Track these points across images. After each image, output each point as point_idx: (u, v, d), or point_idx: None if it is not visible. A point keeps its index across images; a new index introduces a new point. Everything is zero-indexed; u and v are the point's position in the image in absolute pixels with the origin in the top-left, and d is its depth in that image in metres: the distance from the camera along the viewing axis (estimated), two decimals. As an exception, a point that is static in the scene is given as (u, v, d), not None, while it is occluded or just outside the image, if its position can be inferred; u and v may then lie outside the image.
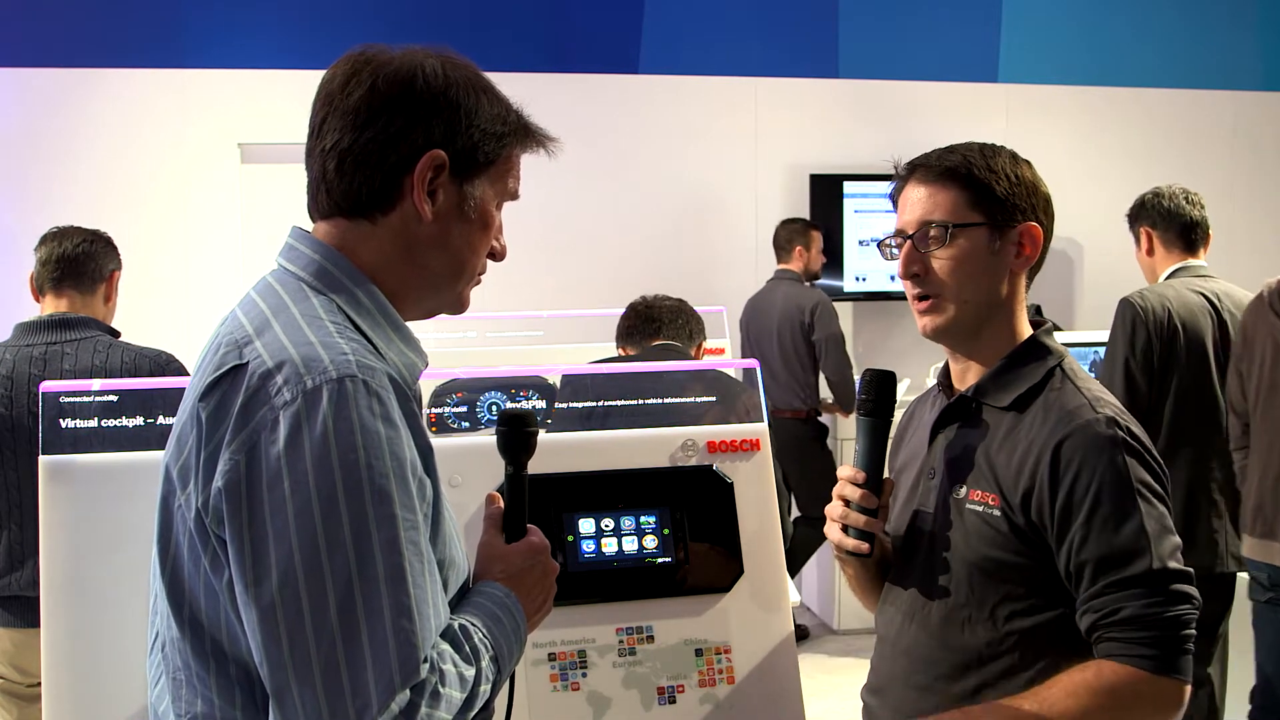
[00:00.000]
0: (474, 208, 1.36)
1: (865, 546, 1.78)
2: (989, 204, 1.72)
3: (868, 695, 1.87)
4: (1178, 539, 1.64)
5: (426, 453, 1.29)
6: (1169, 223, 3.65)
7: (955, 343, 1.79)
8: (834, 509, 1.81)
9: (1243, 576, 3.53)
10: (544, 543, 1.48)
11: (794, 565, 5.67)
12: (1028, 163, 1.79)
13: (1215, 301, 3.51)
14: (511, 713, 1.48)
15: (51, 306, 2.97)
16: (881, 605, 1.87)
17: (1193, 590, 1.63)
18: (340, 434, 1.18)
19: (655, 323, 3.34)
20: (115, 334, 3.00)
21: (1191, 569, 1.64)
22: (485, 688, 1.30)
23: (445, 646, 1.25)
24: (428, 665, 1.19)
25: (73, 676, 1.75)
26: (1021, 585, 1.67)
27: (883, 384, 1.80)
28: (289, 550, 1.16)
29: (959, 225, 1.71)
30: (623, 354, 3.34)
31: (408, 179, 1.32)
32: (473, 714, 1.29)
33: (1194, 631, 1.62)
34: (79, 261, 2.97)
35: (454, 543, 1.37)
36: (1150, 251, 3.71)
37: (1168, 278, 3.63)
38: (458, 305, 1.43)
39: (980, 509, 1.69)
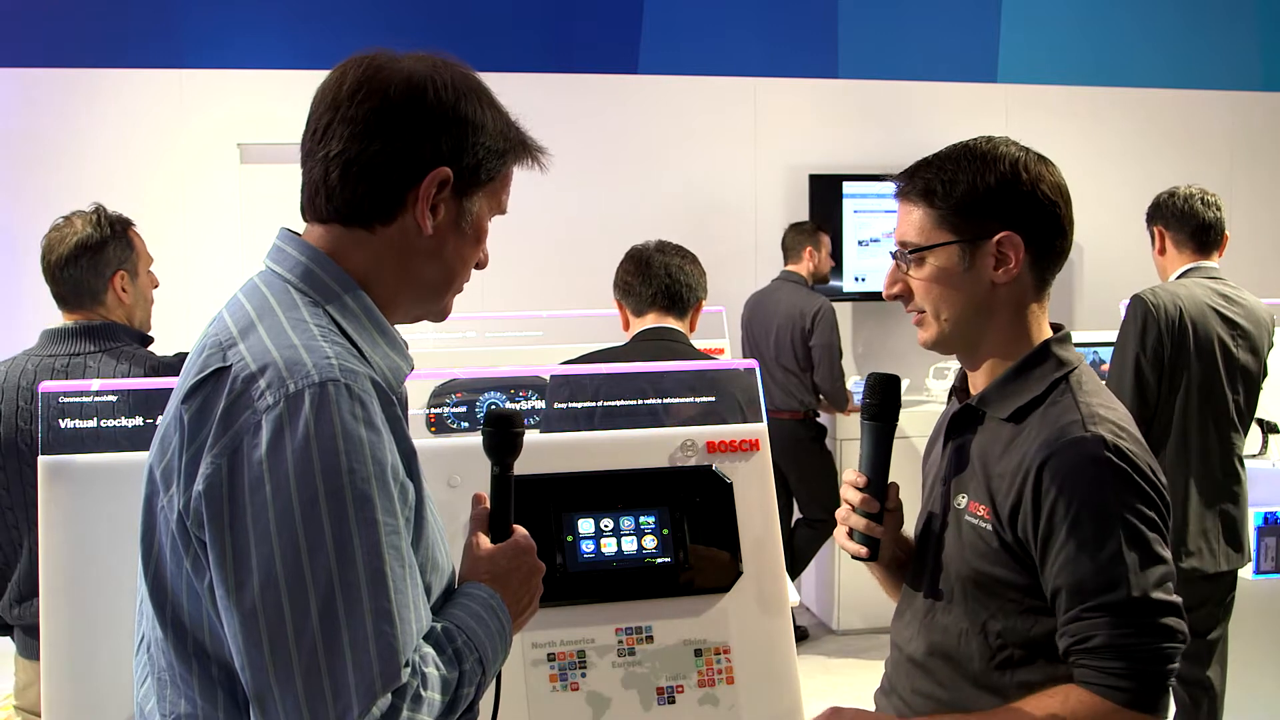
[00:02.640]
0: (470, 223, 1.37)
1: (864, 551, 1.77)
2: (955, 220, 1.67)
3: (879, 696, 1.88)
4: (1166, 568, 1.57)
5: (409, 456, 1.29)
6: (1181, 224, 3.65)
7: (955, 354, 1.77)
8: (840, 512, 1.81)
9: (1243, 576, 3.53)
10: (529, 543, 1.48)
11: (795, 568, 5.66)
12: (1023, 154, 1.69)
13: (1225, 302, 3.51)
14: (498, 714, 1.48)
15: (71, 317, 2.80)
16: (898, 610, 1.87)
17: (1178, 624, 1.56)
18: (322, 438, 1.18)
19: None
20: (145, 339, 2.83)
21: (1180, 600, 1.58)
22: (469, 690, 1.30)
23: (428, 649, 1.25)
24: (409, 669, 1.20)
25: (72, 676, 1.75)
26: (1013, 600, 1.65)
27: (887, 388, 1.79)
28: (270, 554, 1.16)
29: (924, 248, 1.69)
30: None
31: (411, 193, 1.32)
32: (456, 716, 1.29)
33: (1176, 666, 1.56)
34: (69, 285, 2.77)
35: (438, 546, 1.37)
36: (1162, 251, 3.72)
37: (1178, 278, 3.63)
38: (441, 314, 1.43)
39: (975, 521, 1.68)
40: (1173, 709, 3.53)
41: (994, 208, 1.67)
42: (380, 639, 1.17)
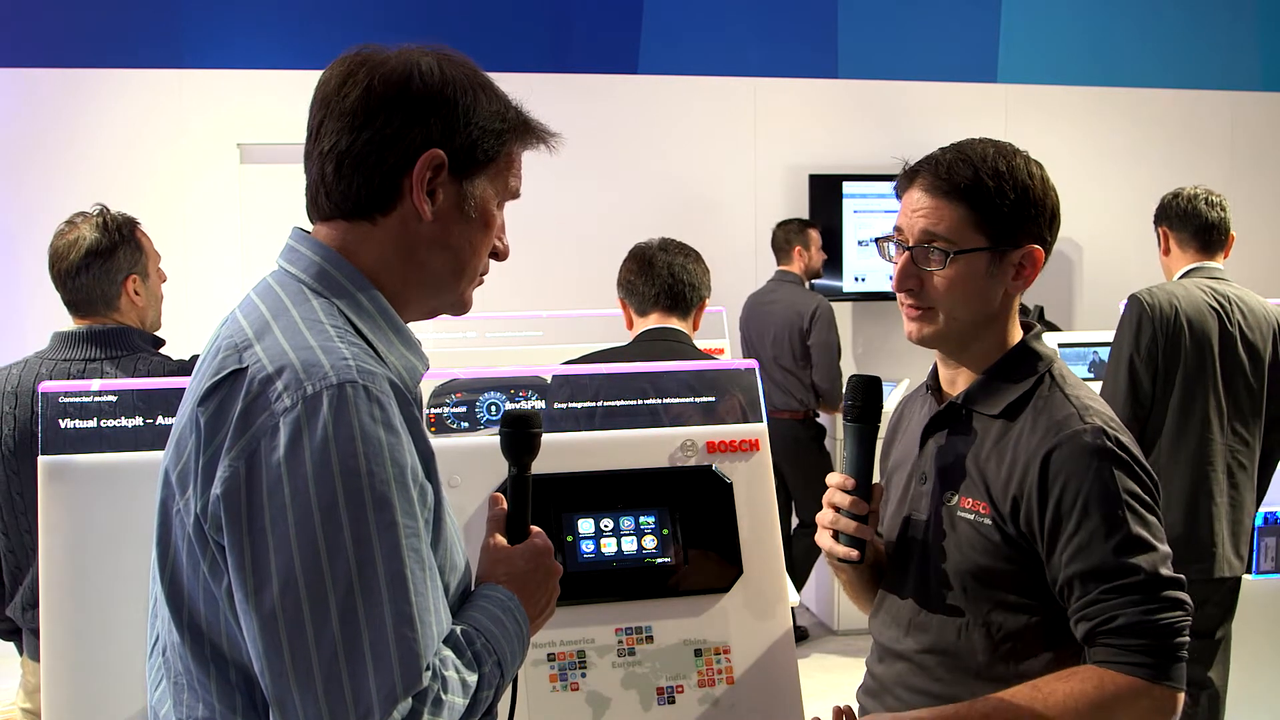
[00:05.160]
0: (474, 207, 1.35)
1: (855, 554, 1.78)
2: (993, 227, 1.67)
3: (863, 697, 1.87)
4: (1167, 548, 1.63)
5: (428, 458, 1.28)
6: (1184, 224, 3.63)
7: (943, 350, 1.79)
8: (824, 516, 1.81)
9: (1245, 579, 3.51)
10: (547, 545, 1.48)
11: (795, 581, 5.63)
12: (1039, 166, 1.72)
13: (1225, 303, 3.48)
14: (514, 715, 1.48)
15: (82, 321, 2.76)
16: (876, 610, 1.87)
17: (1185, 596, 1.62)
18: (341, 441, 1.17)
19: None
20: (158, 342, 2.80)
21: (1183, 575, 1.63)
22: (488, 693, 1.30)
23: (447, 652, 1.24)
24: (430, 672, 1.19)
25: (72, 676, 1.75)
26: (1013, 591, 1.67)
27: (869, 390, 1.79)
28: (289, 558, 1.16)
29: (961, 251, 1.67)
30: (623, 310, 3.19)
31: (406, 179, 1.31)
32: (476, 719, 1.28)
33: (1188, 638, 1.62)
34: (81, 293, 2.73)
35: (455, 547, 1.37)
36: (1167, 251, 3.69)
37: (1181, 278, 3.60)
38: (459, 306, 1.41)
39: (971, 517, 1.69)
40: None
41: (1029, 222, 1.69)
42: (401, 643, 1.17)
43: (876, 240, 1.80)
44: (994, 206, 1.67)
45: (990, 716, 1.61)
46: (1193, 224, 3.62)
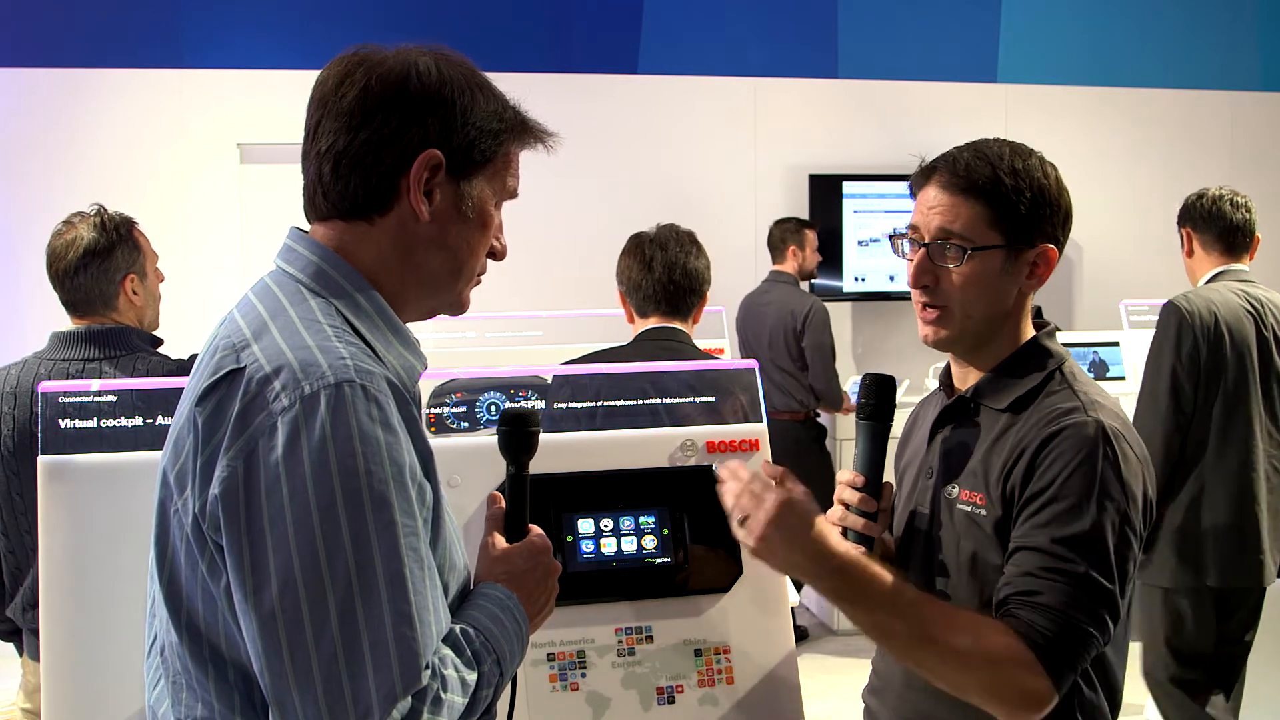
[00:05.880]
0: (472, 207, 1.35)
1: (861, 551, 1.77)
2: (1009, 225, 1.67)
3: (868, 696, 1.87)
4: (1126, 566, 1.58)
5: (426, 457, 1.28)
6: (1208, 225, 3.56)
7: (958, 353, 1.78)
8: (833, 513, 1.80)
9: (1271, 588, 3.45)
10: (545, 543, 1.48)
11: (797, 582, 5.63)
12: (1053, 167, 1.72)
13: (1259, 306, 3.41)
14: (513, 714, 1.48)
15: (80, 321, 2.77)
16: None
17: (1110, 624, 1.57)
18: (338, 440, 1.17)
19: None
20: (156, 341, 2.81)
21: (1120, 603, 1.59)
22: (487, 692, 1.30)
23: (447, 651, 1.24)
24: (429, 671, 1.19)
25: (72, 676, 1.75)
26: None
27: (882, 388, 1.79)
28: (288, 558, 1.16)
29: (978, 248, 1.67)
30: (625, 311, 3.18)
31: (404, 179, 1.31)
32: (475, 718, 1.29)
33: (1089, 657, 1.57)
34: (79, 292, 2.74)
35: (454, 546, 1.37)
36: (1191, 253, 3.62)
37: (1208, 281, 3.54)
38: (457, 306, 1.42)
39: (968, 509, 1.69)
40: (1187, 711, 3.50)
41: (1043, 221, 1.69)
42: (401, 642, 1.17)
43: (891, 236, 1.80)
44: (1011, 205, 1.67)
45: (895, 602, 1.57)
46: (1217, 225, 3.55)
